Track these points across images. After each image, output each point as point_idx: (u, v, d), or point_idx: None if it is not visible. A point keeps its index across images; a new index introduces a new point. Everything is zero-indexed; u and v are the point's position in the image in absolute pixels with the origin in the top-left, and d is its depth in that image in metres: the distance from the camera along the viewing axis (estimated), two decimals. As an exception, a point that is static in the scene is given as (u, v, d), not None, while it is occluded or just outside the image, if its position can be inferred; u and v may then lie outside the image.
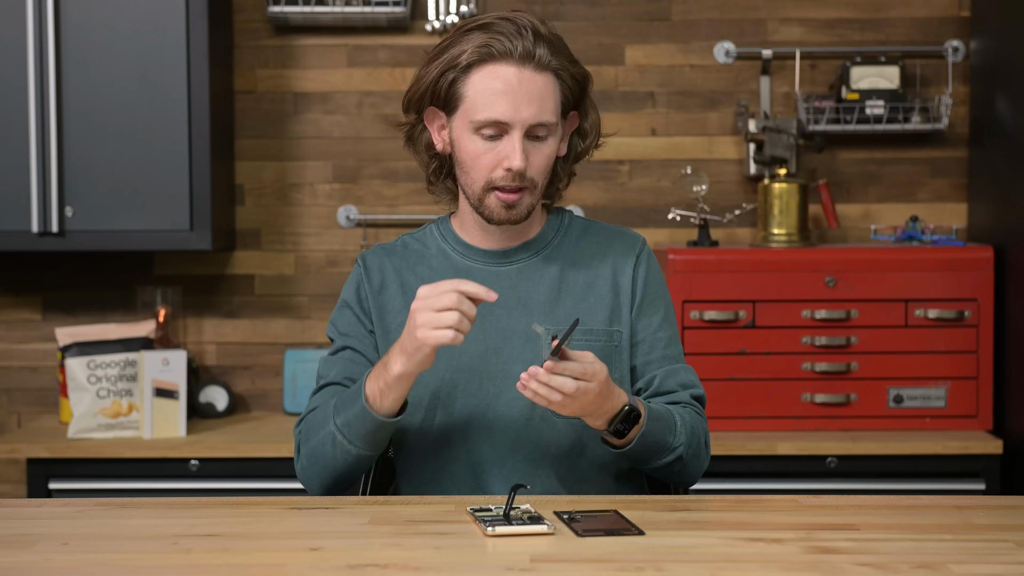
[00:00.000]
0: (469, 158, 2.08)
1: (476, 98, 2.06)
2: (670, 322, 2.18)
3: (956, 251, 3.37)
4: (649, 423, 2.01)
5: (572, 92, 2.12)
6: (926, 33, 3.66)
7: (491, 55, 2.05)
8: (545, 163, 2.09)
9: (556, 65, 2.07)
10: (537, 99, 2.05)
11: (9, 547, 1.77)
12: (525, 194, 2.08)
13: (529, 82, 2.05)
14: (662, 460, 2.06)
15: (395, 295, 2.16)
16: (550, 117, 2.07)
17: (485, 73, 2.05)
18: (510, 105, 2.04)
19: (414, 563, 1.66)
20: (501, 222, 2.10)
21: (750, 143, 3.58)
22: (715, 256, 3.36)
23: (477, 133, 2.06)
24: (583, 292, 2.15)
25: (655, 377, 2.14)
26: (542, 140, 2.08)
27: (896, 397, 3.34)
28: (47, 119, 3.37)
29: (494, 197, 2.08)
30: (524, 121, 2.05)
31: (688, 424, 2.07)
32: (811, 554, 1.70)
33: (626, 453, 2.03)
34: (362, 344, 2.15)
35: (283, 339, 3.73)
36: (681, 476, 2.11)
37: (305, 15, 3.60)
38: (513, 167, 2.04)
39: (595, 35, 3.68)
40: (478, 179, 2.08)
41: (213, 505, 2.02)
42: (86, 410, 3.36)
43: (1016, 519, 1.92)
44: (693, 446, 2.08)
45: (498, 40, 2.05)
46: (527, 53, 2.04)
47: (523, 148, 2.05)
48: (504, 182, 2.06)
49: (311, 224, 3.72)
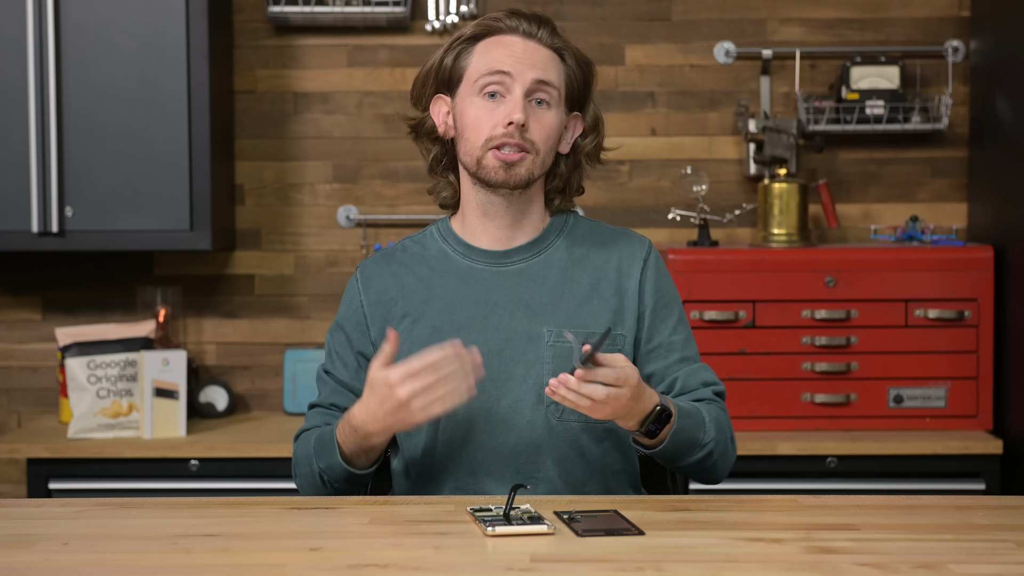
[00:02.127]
0: (471, 123, 2.10)
1: (479, 62, 2.10)
2: (684, 322, 2.18)
3: (956, 251, 3.37)
4: (680, 420, 2.00)
5: (576, 80, 2.14)
6: (926, 33, 3.66)
7: (497, 28, 2.11)
8: (547, 131, 2.10)
9: (559, 44, 2.12)
10: (540, 63, 2.09)
11: (9, 547, 1.77)
12: (527, 158, 2.08)
13: (534, 51, 2.10)
14: (693, 457, 2.05)
15: (396, 299, 2.16)
16: (553, 78, 2.09)
17: (490, 41, 2.11)
18: (513, 60, 2.08)
19: (414, 563, 1.66)
20: (500, 184, 2.09)
21: (750, 143, 3.58)
22: (715, 256, 3.36)
23: (480, 94, 2.09)
24: (586, 293, 2.14)
25: (677, 379, 2.13)
26: (544, 106, 2.09)
27: (896, 397, 3.34)
28: (47, 119, 3.37)
29: (492, 156, 2.08)
30: (526, 77, 2.07)
31: (716, 420, 2.08)
32: (811, 554, 1.70)
33: (658, 452, 2.02)
34: (346, 371, 2.17)
35: (283, 339, 3.73)
36: (712, 473, 2.10)
37: (305, 15, 3.60)
38: (515, 119, 2.05)
39: (595, 35, 3.68)
40: (478, 140, 2.09)
41: (213, 505, 2.02)
42: (86, 410, 3.36)
43: (1016, 519, 1.92)
44: (721, 442, 2.08)
45: (508, 19, 2.11)
46: (531, 31, 2.10)
47: (524, 105, 2.07)
48: (506, 139, 2.07)
49: (311, 224, 3.72)
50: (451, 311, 2.12)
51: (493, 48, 2.09)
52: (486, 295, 2.13)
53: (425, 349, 1.92)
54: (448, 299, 2.13)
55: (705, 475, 2.12)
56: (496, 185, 2.10)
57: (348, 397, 2.15)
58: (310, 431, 2.15)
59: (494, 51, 2.09)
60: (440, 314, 2.13)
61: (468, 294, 2.13)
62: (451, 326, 2.11)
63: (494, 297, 2.13)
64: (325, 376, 2.20)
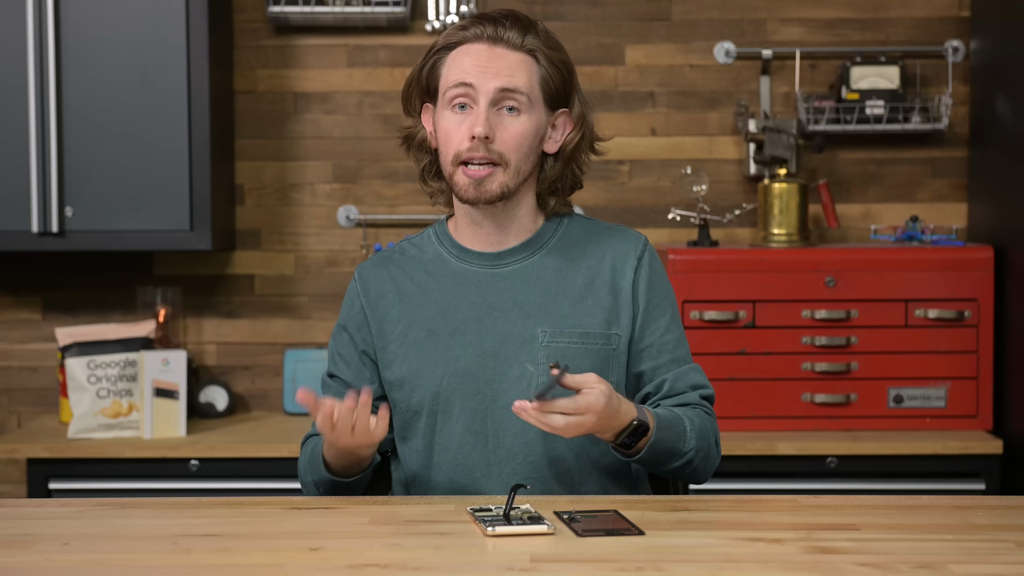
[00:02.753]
0: (444, 136, 2.10)
1: (448, 73, 2.09)
2: (676, 322, 2.18)
3: (956, 251, 3.37)
4: (658, 432, 2.00)
5: (554, 80, 2.11)
6: (926, 33, 3.66)
7: (465, 37, 2.09)
8: (516, 139, 2.07)
9: (531, 45, 2.09)
10: (506, 69, 2.07)
11: (9, 547, 1.77)
12: (497, 172, 2.07)
13: (500, 57, 2.08)
14: (673, 464, 2.06)
15: (393, 303, 2.16)
16: (520, 84, 2.07)
17: (459, 51, 2.10)
18: (477, 70, 2.06)
19: (414, 563, 1.66)
20: (471, 201, 2.09)
21: (750, 143, 3.58)
22: (715, 256, 3.36)
23: (449, 107, 2.08)
24: (580, 294, 2.13)
25: (665, 381, 2.13)
26: (513, 113, 2.07)
27: (896, 397, 3.34)
28: (47, 119, 3.37)
29: (461, 173, 2.08)
30: (489, 86, 2.06)
31: (698, 427, 2.07)
32: (811, 554, 1.70)
33: (635, 460, 2.03)
34: (350, 370, 2.18)
35: (283, 339, 3.73)
36: (692, 477, 2.11)
37: (305, 15, 3.60)
38: (475, 132, 2.04)
39: (595, 35, 3.68)
40: (448, 154, 2.09)
41: (213, 505, 2.02)
42: (86, 410, 3.36)
43: (1016, 519, 1.92)
44: (703, 449, 2.08)
45: (474, 26, 2.09)
46: (498, 35, 2.08)
47: (487, 116, 2.05)
48: (471, 154, 2.06)
49: (311, 224, 3.72)
50: (446, 314, 2.12)
51: (461, 57, 2.08)
52: (481, 297, 2.13)
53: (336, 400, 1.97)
54: (444, 302, 2.13)
55: (686, 478, 2.12)
56: (470, 202, 2.10)
57: None
58: (311, 439, 2.19)
59: (462, 60, 2.08)
60: (435, 317, 2.13)
61: (463, 296, 2.13)
62: (446, 329, 2.11)
63: (488, 299, 2.12)
64: (329, 380, 2.20)
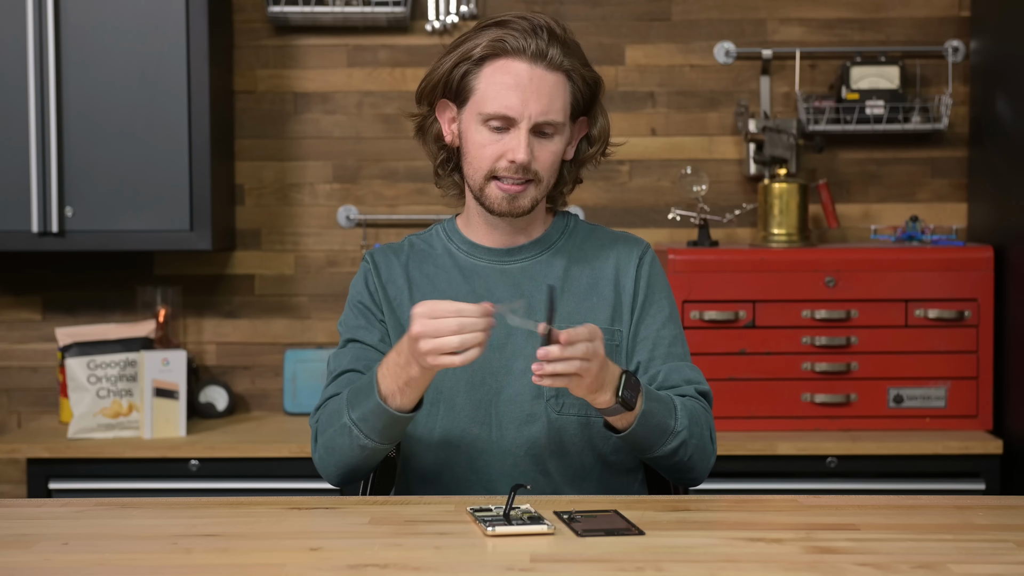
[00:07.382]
0: (475, 147, 2.10)
1: (486, 91, 2.08)
2: (675, 321, 2.19)
3: (956, 251, 3.37)
4: (648, 402, 2.00)
5: (583, 95, 2.13)
6: (926, 33, 3.66)
7: (504, 50, 2.07)
8: (551, 159, 2.10)
9: (568, 66, 2.09)
10: (546, 96, 2.07)
11: (9, 547, 1.77)
12: (531, 187, 2.10)
13: (539, 80, 2.07)
14: (667, 445, 2.04)
15: (402, 289, 2.17)
16: (558, 116, 2.08)
17: (497, 67, 2.07)
18: (519, 100, 2.06)
19: (414, 563, 1.67)
20: (503, 214, 2.11)
21: (750, 143, 3.58)
22: (715, 256, 3.36)
23: (485, 125, 2.08)
24: (586, 291, 2.16)
25: (659, 373, 2.14)
26: (548, 137, 2.10)
27: (896, 397, 3.34)
28: (47, 119, 3.37)
29: (495, 187, 2.09)
30: (531, 117, 2.06)
31: (689, 409, 2.07)
32: (811, 554, 1.71)
33: (628, 436, 2.01)
34: (370, 335, 2.15)
35: (283, 339, 3.73)
36: (688, 468, 2.09)
37: (305, 15, 3.60)
38: (517, 160, 2.06)
39: (595, 35, 3.68)
40: (481, 168, 2.10)
41: (213, 505, 2.02)
42: (86, 410, 3.36)
43: (1016, 519, 1.92)
44: (696, 434, 2.06)
45: (512, 36, 2.07)
46: (539, 51, 2.07)
47: (528, 143, 2.06)
48: (507, 173, 2.08)
49: (311, 224, 3.72)
50: None
51: (500, 76, 2.07)
52: (489, 291, 2.15)
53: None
54: (451, 294, 2.15)
55: (682, 472, 2.10)
56: (499, 215, 2.12)
57: (374, 355, 2.12)
58: (336, 396, 2.09)
59: (502, 80, 2.06)
60: None
61: (471, 290, 2.15)
62: None
63: (497, 293, 2.14)
64: (349, 345, 2.15)
